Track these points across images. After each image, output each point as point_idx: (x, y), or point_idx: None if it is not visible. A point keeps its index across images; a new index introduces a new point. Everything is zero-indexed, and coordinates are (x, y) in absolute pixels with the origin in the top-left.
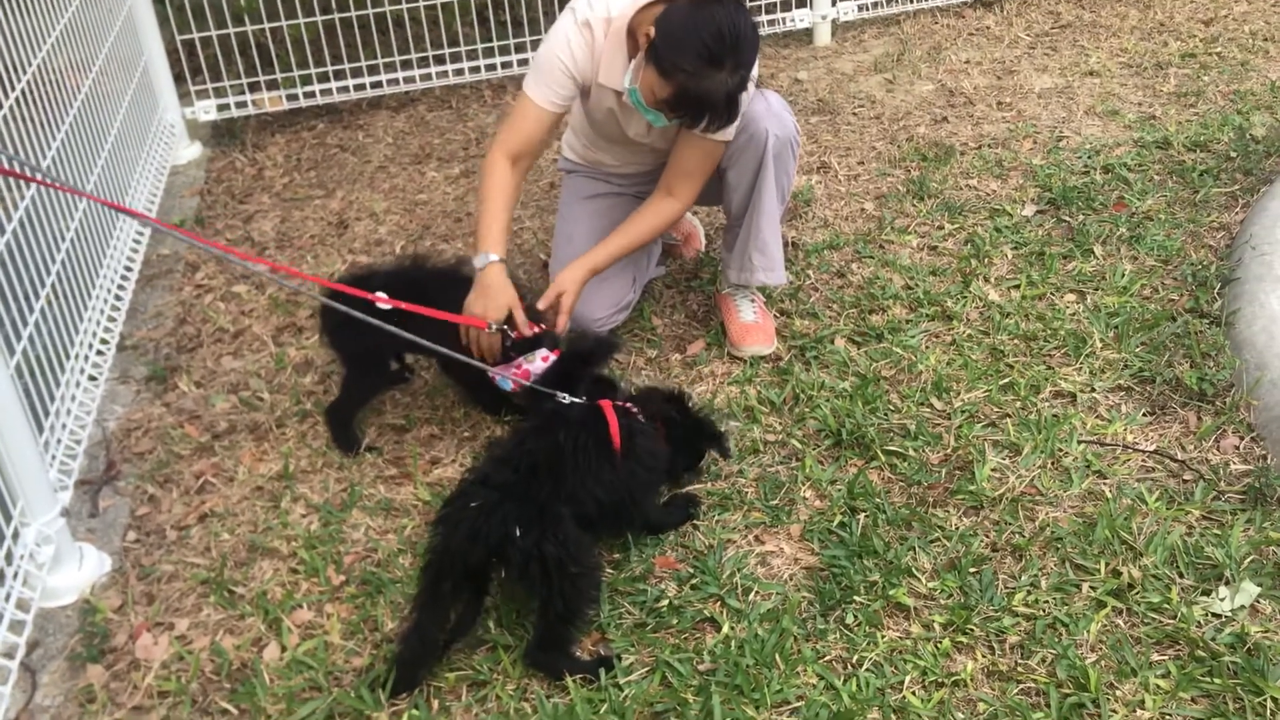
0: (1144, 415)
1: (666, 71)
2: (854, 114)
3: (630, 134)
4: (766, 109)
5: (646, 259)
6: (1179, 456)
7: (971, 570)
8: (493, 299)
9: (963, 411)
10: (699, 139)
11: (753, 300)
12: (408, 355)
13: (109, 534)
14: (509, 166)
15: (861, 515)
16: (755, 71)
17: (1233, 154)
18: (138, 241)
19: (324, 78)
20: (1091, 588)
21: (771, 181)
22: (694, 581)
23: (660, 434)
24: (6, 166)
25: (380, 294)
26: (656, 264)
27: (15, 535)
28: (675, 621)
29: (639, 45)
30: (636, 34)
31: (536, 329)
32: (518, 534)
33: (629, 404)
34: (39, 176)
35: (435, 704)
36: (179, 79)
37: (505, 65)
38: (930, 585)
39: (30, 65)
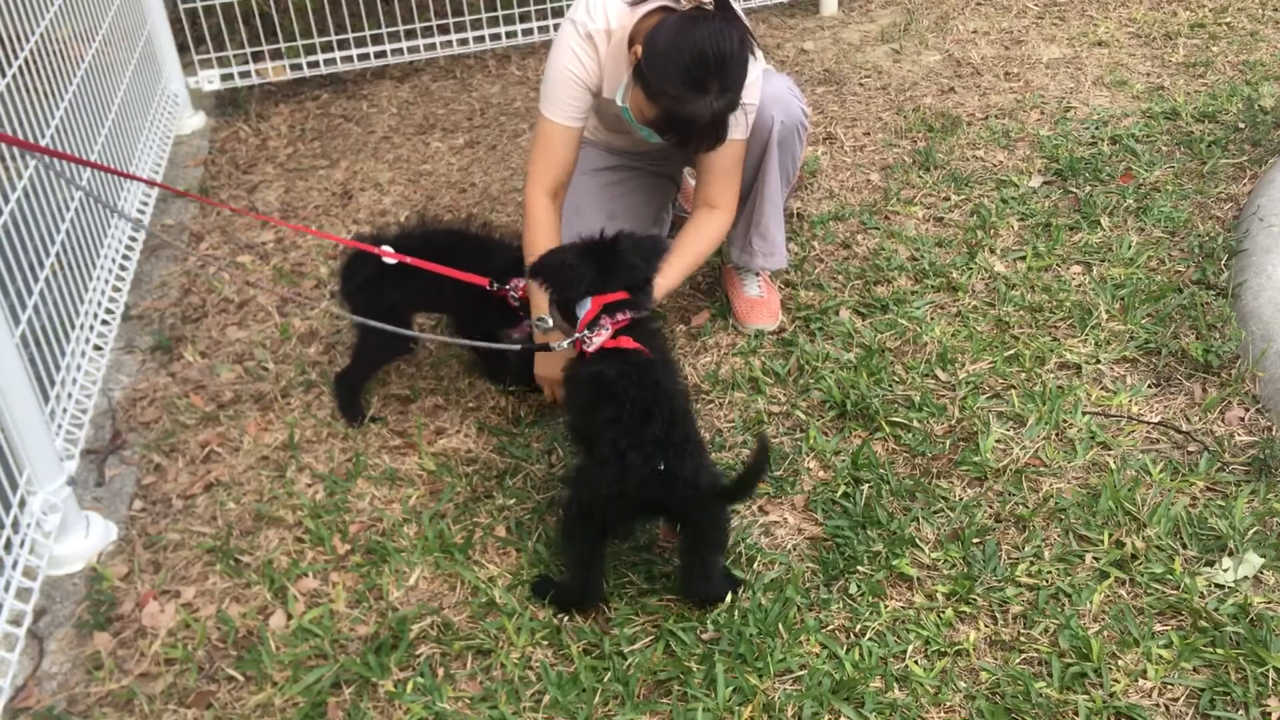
0: (1149, 387)
1: (652, 95)
2: (860, 84)
3: (639, 136)
4: (773, 94)
5: (658, 232)
6: (1184, 428)
7: (975, 541)
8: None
9: (967, 383)
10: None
11: (757, 275)
12: (419, 317)
13: (115, 503)
14: (550, 204)
15: (865, 486)
16: (760, 57)
17: (1241, 125)
18: (142, 211)
19: (328, 47)
20: (1095, 558)
21: (775, 167)
22: None
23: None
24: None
25: (386, 248)
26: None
27: (22, 503)
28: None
29: (634, 59)
30: (634, 44)
31: None
32: (707, 488)
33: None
34: (45, 148)
35: (440, 672)
36: (182, 49)
37: (510, 35)
38: (934, 555)
39: (33, 35)
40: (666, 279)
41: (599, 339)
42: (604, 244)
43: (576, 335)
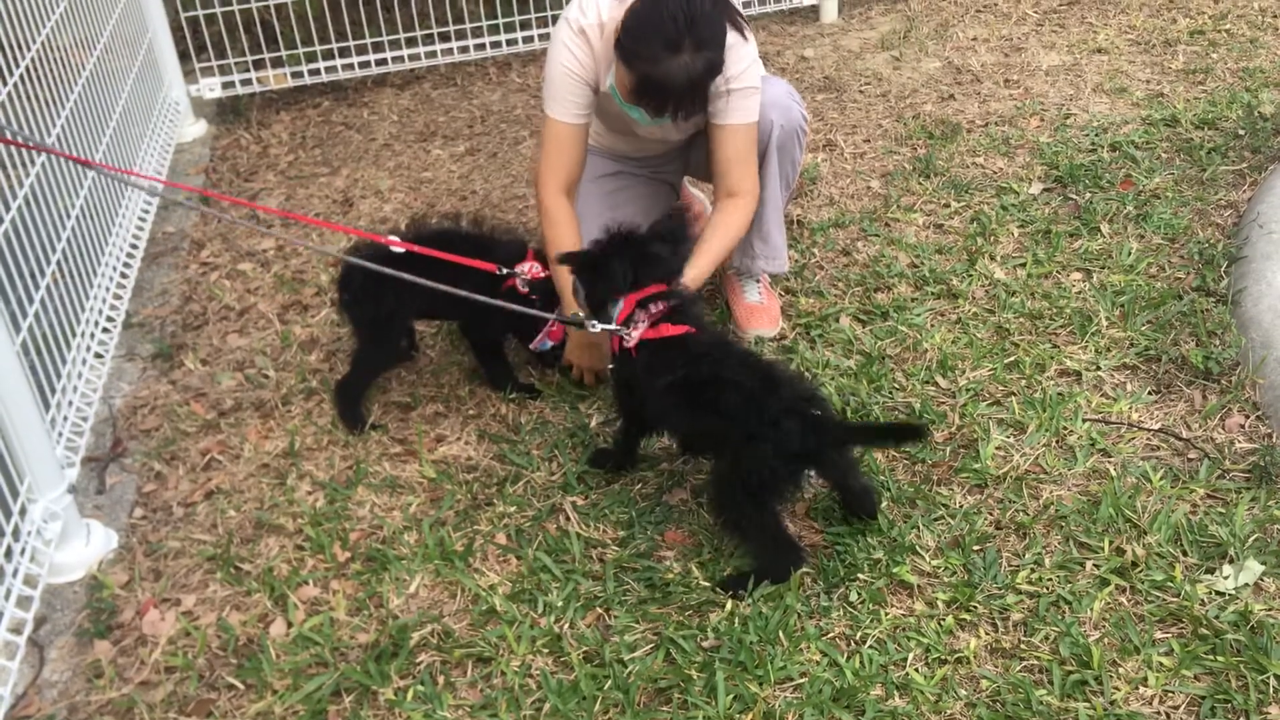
0: (1149, 394)
1: (628, 61)
2: (860, 91)
3: (640, 132)
4: (772, 98)
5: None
6: (1184, 435)
7: (975, 548)
8: (597, 350)
9: (968, 390)
10: (729, 130)
11: (758, 281)
12: (421, 324)
13: (116, 511)
14: (566, 202)
15: None
16: (752, 40)
17: (1241, 131)
18: (143, 219)
19: (329, 55)
20: (1095, 566)
21: (775, 171)
22: (699, 558)
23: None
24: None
25: (393, 237)
26: None
27: (23, 512)
28: (679, 598)
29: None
30: None
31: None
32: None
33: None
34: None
35: (441, 680)
36: (183, 56)
37: (510, 43)
38: (934, 563)
39: (34, 42)
40: (698, 269)
41: (637, 332)
42: (632, 240)
43: (615, 329)
